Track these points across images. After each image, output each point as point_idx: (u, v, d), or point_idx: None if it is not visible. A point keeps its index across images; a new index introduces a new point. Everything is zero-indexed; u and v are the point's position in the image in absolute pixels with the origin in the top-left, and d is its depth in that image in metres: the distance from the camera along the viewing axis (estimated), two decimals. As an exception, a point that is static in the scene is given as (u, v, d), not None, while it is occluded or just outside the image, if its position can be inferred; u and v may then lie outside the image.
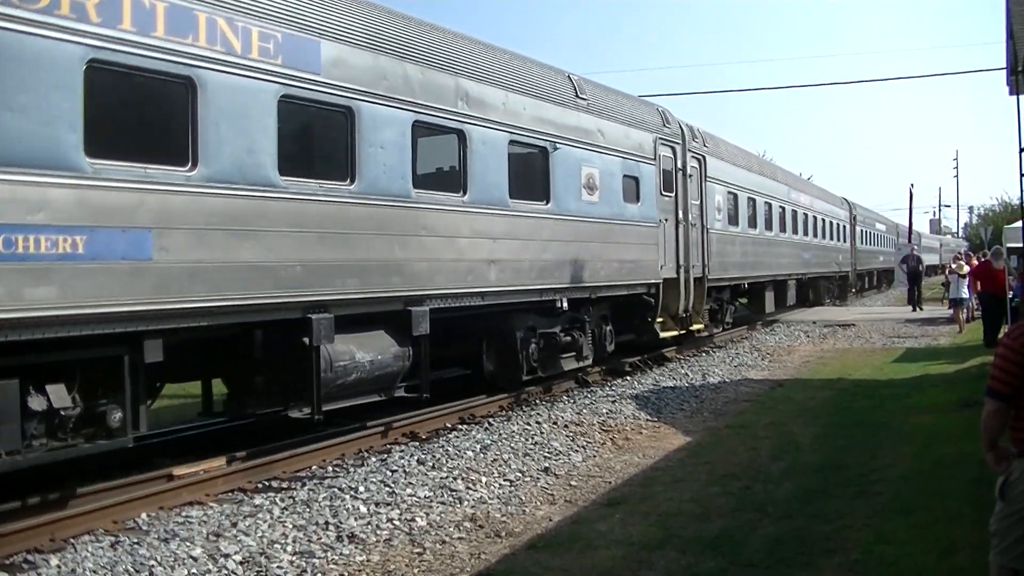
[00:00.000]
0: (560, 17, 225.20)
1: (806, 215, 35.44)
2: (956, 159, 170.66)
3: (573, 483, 10.06)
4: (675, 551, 7.50)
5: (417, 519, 8.49)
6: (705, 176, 21.77)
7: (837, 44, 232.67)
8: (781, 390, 16.64)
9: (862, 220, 51.60)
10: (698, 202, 21.15)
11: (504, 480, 10.02)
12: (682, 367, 19.35)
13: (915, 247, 46.13)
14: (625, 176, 17.55)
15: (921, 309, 35.04)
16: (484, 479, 9.93)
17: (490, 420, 13.24)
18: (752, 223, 26.81)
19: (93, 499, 8.62)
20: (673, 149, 19.80)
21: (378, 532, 8.13)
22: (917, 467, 10.27)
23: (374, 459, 10.82)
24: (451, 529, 8.30)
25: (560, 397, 15.51)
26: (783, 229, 31.13)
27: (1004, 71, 18.52)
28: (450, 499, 9.18)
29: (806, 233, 35.39)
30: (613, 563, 7.28)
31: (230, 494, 9.44)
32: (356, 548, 7.73)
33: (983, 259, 25.37)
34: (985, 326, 22.60)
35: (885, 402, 14.75)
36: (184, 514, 8.55)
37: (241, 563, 7.27)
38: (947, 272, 32.87)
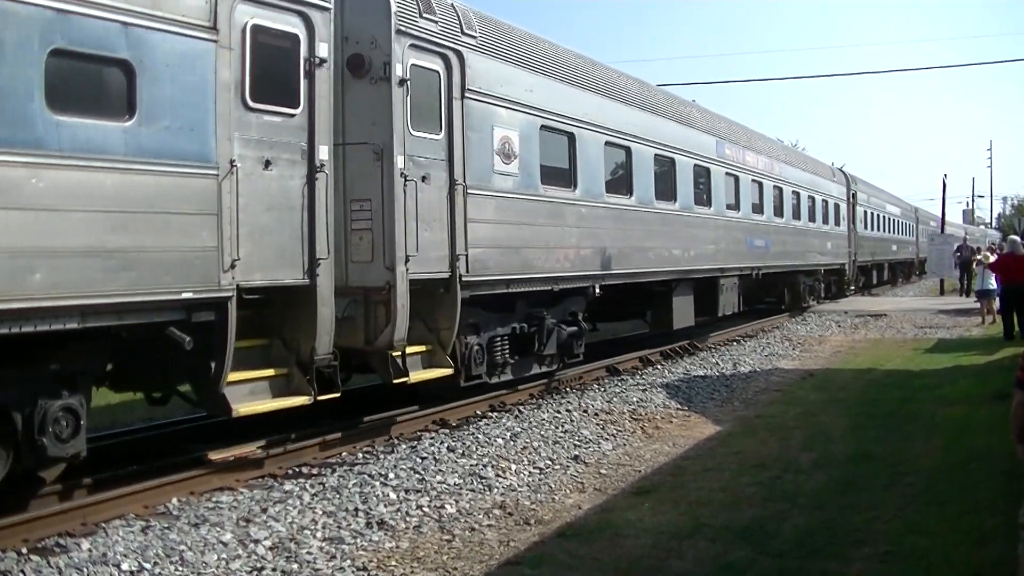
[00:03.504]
0: (566, 10, 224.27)
1: (760, 184, 25.32)
2: (990, 149, 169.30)
3: (603, 471, 10.05)
4: (705, 540, 7.48)
5: (447, 506, 8.51)
6: (463, 89, 12.20)
7: (862, 35, 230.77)
8: (812, 380, 16.56)
9: (866, 200, 41.49)
10: (439, 137, 11.81)
11: (534, 468, 10.02)
12: (713, 356, 19.33)
13: (967, 238, 45.06)
14: (57, 53, 7.46)
15: (967, 295, 34.90)
16: (514, 467, 9.94)
17: (520, 408, 13.23)
18: (623, 186, 17.01)
19: (124, 484, 8.67)
20: (306, 18, 9.80)
21: (407, 519, 8.15)
22: (948, 458, 10.20)
23: (404, 446, 10.84)
24: (480, 516, 8.31)
25: (590, 385, 15.48)
26: (706, 201, 21.10)
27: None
28: (480, 487, 9.20)
29: (759, 210, 25.22)
30: (643, 552, 7.27)
31: (260, 480, 9.48)
32: (385, 534, 7.75)
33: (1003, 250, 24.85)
34: (1005, 319, 22.23)
35: (917, 393, 14.64)
36: (214, 499, 8.60)
37: (271, 548, 7.31)
38: (974, 263, 32.39)
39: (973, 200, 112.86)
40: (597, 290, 15.74)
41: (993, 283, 26.58)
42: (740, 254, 23.28)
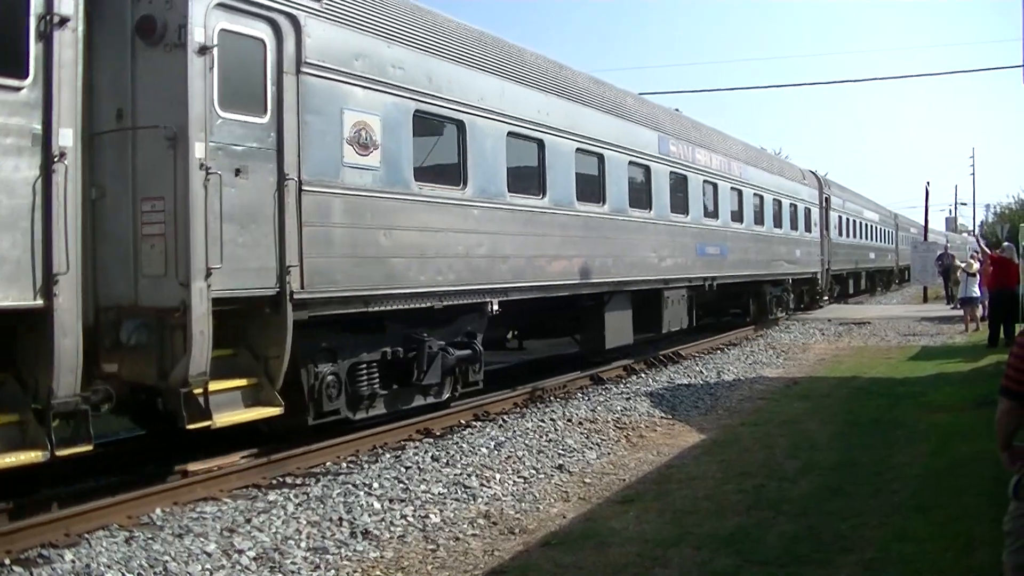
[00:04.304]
0: (561, 15, 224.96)
1: (715, 185, 22.87)
2: (972, 157, 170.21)
3: (587, 480, 10.03)
4: (690, 548, 7.47)
5: (431, 516, 8.48)
6: (300, 63, 9.98)
7: (846, 43, 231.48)
8: (796, 388, 16.58)
9: (841, 204, 39.50)
10: (263, 120, 9.60)
11: (518, 477, 10.00)
12: (697, 364, 19.32)
13: (948, 246, 45.20)
14: None
15: (950, 303, 35.10)
16: (498, 476, 9.92)
17: (504, 417, 13.21)
18: (533, 185, 14.76)
19: (108, 494, 8.63)
20: None
21: (392, 529, 8.12)
22: (934, 465, 10.23)
23: (388, 456, 10.81)
24: (465, 526, 8.29)
25: (574, 394, 15.46)
26: (645, 203, 18.56)
27: (1021, 68, 18.41)
28: (464, 496, 9.17)
29: (713, 214, 22.71)
30: (627, 560, 7.25)
31: (244, 490, 9.44)
32: (370, 544, 7.72)
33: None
34: (991, 325, 22.25)
35: (901, 400, 14.68)
36: (198, 510, 8.55)
37: (255, 559, 7.27)
38: (957, 272, 32.55)
39: (956, 208, 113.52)
40: (495, 307, 13.46)
41: (976, 291, 26.71)
42: (689, 263, 20.79)
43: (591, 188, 16.47)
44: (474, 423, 12.91)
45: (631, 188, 17.85)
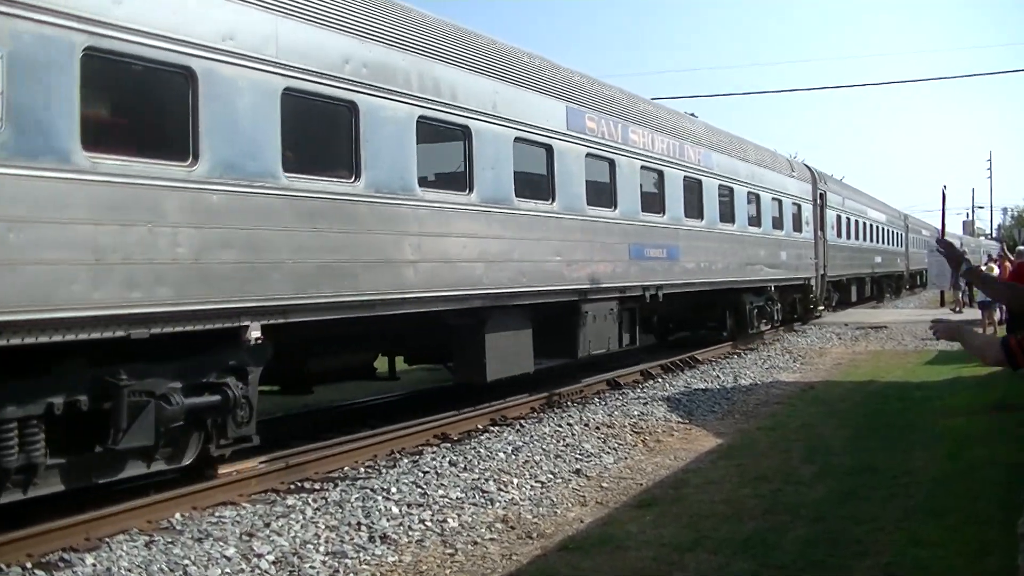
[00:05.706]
0: (577, 20, 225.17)
1: (659, 173, 18.27)
2: (990, 160, 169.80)
3: (604, 485, 10.06)
4: (706, 553, 7.50)
5: (449, 520, 8.52)
6: None
7: (857, 47, 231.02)
8: (813, 392, 16.57)
9: (840, 202, 35.18)
10: None
11: (536, 482, 10.03)
12: (713, 369, 19.33)
13: (966, 250, 44.69)
14: None
15: (962, 309, 34.96)
16: (516, 480, 9.95)
17: (522, 422, 13.26)
18: (340, 163, 10.58)
19: (128, 498, 8.70)
20: None
21: (410, 533, 8.17)
22: (949, 470, 10.21)
23: (406, 460, 10.86)
24: (483, 530, 8.33)
25: (592, 399, 15.50)
26: (544, 193, 14.29)
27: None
28: (482, 500, 9.21)
29: (657, 207, 18.06)
30: (644, 564, 7.28)
31: (263, 494, 9.51)
32: (388, 549, 7.76)
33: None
34: (1009, 330, 22.08)
35: (917, 404, 14.66)
36: (217, 514, 8.63)
37: (274, 563, 7.33)
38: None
39: (973, 211, 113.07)
40: (255, 335, 9.23)
41: (995, 294, 26.53)
42: (619, 269, 16.34)
43: (450, 170, 12.64)
44: (491, 428, 12.97)
45: (521, 173, 13.67)
